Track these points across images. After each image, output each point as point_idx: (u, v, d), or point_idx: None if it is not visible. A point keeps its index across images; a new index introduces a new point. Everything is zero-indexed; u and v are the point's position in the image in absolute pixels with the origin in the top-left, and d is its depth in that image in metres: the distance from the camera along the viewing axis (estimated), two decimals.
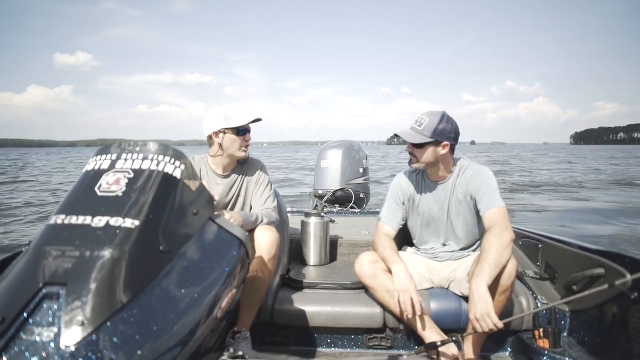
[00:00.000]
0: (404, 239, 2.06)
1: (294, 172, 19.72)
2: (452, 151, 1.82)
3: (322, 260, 2.45)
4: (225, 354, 1.09)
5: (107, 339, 0.74)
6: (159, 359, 0.79)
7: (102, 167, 1.03)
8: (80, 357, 0.71)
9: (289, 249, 2.43)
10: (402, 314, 1.68)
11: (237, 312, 1.67)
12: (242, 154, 1.90)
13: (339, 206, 4.05)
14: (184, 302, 0.90)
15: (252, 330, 1.72)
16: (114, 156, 1.05)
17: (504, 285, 1.60)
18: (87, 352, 0.72)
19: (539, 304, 1.85)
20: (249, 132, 1.89)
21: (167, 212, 0.98)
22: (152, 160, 1.04)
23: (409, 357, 1.65)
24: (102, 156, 1.06)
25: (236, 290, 1.12)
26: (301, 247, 2.47)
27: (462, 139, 1.86)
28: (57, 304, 0.77)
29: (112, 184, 0.97)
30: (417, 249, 2.02)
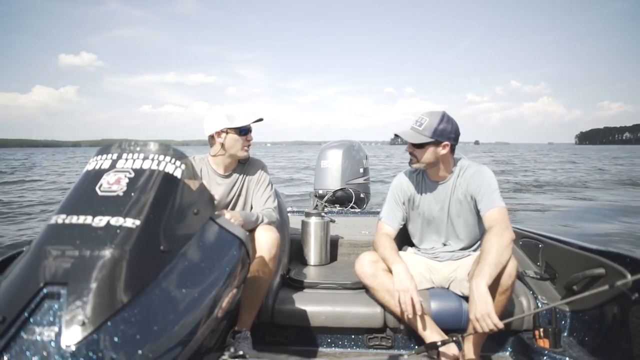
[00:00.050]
0: (404, 238, 2.06)
1: (299, 172, 19.69)
2: (452, 151, 1.82)
3: (322, 260, 2.45)
4: (225, 354, 1.09)
5: (108, 338, 0.74)
6: (159, 359, 0.79)
7: (102, 167, 1.03)
8: (80, 357, 0.71)
9: (289, 249, 2.43)
10: (403, 313, 1.68)
11: (238, 311, 1.67)
12: (243, 154, 1.91)
13: (339, 206, 4.05)
14: (184, 302, 0.90)
15: (253, 329, 1.72)
16: (114, 156, 1.05)
17: (504, 285, 1.60)
18: (88, 351, 0.72)
19: (539, 304, 1.85)
20: (250, 131, 1.91)
21: (167, 211, 0.98)
22: (152, 159, 1.04)
23: (409, 356, 1.65)
24: (103, 156, 1.06)
25: (236, 289, 1.12)
26: (301, 246, 2.47)
27: (466, 138, 1.86)
28: (57, 304, 0.77)
29: (113, 184, 0.97)
30: (418, 249, 2.02)
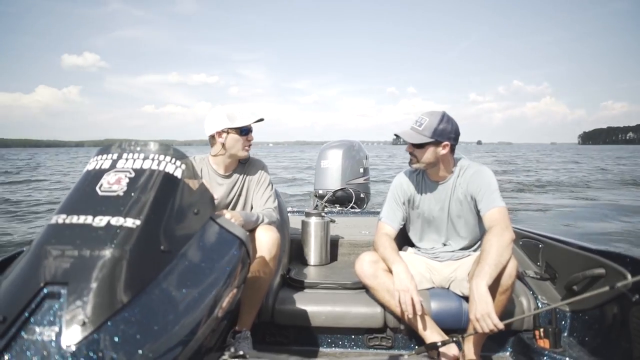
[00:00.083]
0: (404, 238, 2.06)
1: (301, 172, 19.69)
2: (452, 151, 1.82)
3: (322, 260, 2.45)
4: (225, 354, 1.09)
5: (108, 338, 0.74)
6: (159, 358, 0.79)
7: (103, 167, 1.03)
8: (81, 356, 0.71)
9: (290, 249, 2.43)
10: (403, 313, 1.68)
11: (238, 311, 1.67)
12: (244, 154, 1.91)
13: (339, 206, 4.05)
14: (184, 302, 0.90)
15: (253, 329, 1.72)
16: (114, 156, 1.05)
17: (504, 285, 1.60)
18: (88, 351, 0.72)
19: (539, 304, 1.85)
20: (251, 131, 1.91)
21: (167, 211, 0.98)
22: (152, 159, 1.04)
23: (409, 357, 1.65)
24: (103, 156, 1.06)
25: (237, 289, 1.12)
26: (301, 246, 2.47)
27: (468, 138, 1.86)
28: (58, 303, 0.77)
29: (113, 184, 0.97)
30: (418, 249, 2.02)
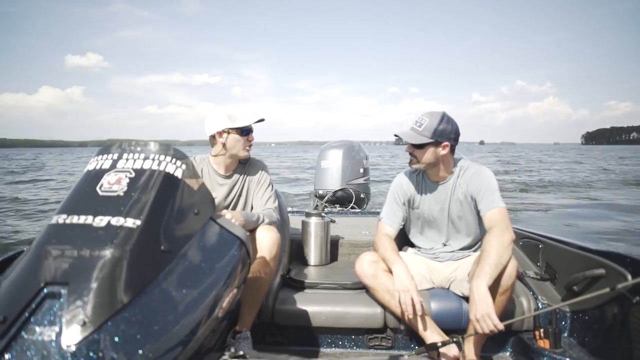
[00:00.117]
0: (404, 239, 2.06)
1: (304, 172, 19.70)
2: (452, 151, 1.82)
3: (322, 260, 2.45)
4: (226, 354, 1.09)
5: (108, 338, 0.74)
6: (160, 359, 0.79)
7: (103, 167, 1.03)
8: (81, 357, 0.71)
9: (290, 249, 2.43)
10: (403, 314, 1.68)
11: (238, 311, 1.67)
12: (244, 154, 1.91)
13: (339, 206, 4.05)
14: (184, 302, 0.90)
15: (253, 330, 1.72)
16: (115, 156, 1.05)
17: (504, 285, 1.60)
18: (88, 351, 0.72)
19: (539, 305, 1.85)
20: (252, 132, 1.91)
21: (168, 211, 0.98)
22: (153, 159, 1.04)
23: (409, 357, 1.65)
24: (103, 156, 1.06)
25: (237, 289, 1.12)
26: (302, 247, 2.47)
27: (471, 138, 1.85)
28: (58, 304, 0.77)
29: (114, 184, 0.97)
30: (418, 249, 2.02)
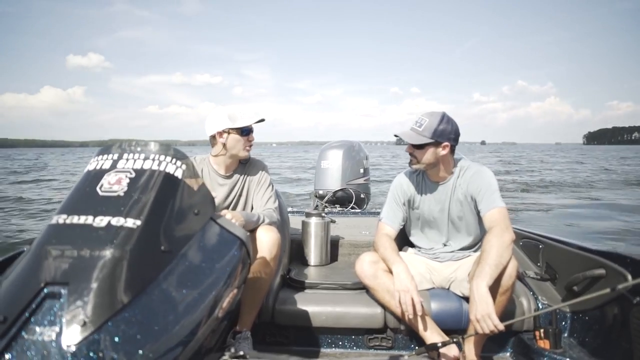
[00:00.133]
0: (405, 239, 2.06)
1: (306, 172, 19.71)
2: (452, 152, 1.82)
3: (322, 260, 2.45)
4: (226, 354, 1.09)
5: (108, 338, 0.74)
6: (160, 359, 0.79)
7: (103, 167, 1.03)
8: (81, 357, 0.71)
9: (290, 249, 2.43)
10: (403, 314, 1.68)
11: (238, 312, 1.67)
12: (245, 154, 1.91)
13: (339, 206, 4.05)
14: (185, 302, 0.90)
15: (253, 330, 1.72)
16: (115, 156, 1.05)
17: (504, 285, 1.60)
18: (89, 351, 0.72)
19: (539, 305, 1.85)
20: (252, 132, 1.91)
21: (168, 211, 0.98)
22: (153, 160, 1.04)
23: (409, 357, 1.65)
24: (104, 156, 1.06)
25: (237, 290, 1.12)
26: (302, 247, 2.47)
27: (472, 138, 1.85)
28: (58, 304, 0.77)
29: (114, 184, 0.97)
30: (418, 249, 2.02)
